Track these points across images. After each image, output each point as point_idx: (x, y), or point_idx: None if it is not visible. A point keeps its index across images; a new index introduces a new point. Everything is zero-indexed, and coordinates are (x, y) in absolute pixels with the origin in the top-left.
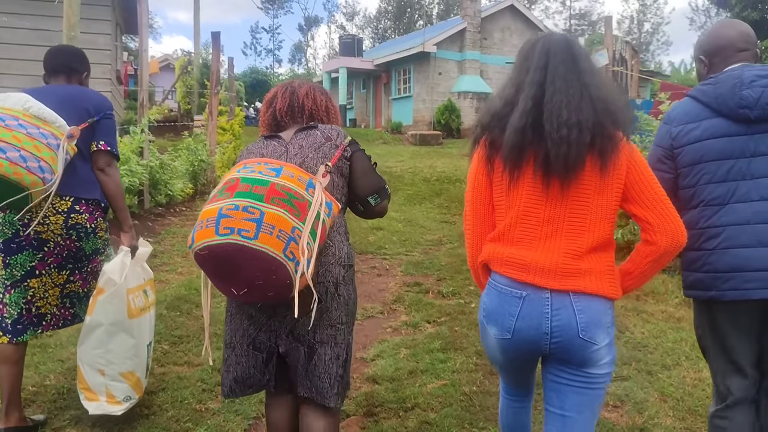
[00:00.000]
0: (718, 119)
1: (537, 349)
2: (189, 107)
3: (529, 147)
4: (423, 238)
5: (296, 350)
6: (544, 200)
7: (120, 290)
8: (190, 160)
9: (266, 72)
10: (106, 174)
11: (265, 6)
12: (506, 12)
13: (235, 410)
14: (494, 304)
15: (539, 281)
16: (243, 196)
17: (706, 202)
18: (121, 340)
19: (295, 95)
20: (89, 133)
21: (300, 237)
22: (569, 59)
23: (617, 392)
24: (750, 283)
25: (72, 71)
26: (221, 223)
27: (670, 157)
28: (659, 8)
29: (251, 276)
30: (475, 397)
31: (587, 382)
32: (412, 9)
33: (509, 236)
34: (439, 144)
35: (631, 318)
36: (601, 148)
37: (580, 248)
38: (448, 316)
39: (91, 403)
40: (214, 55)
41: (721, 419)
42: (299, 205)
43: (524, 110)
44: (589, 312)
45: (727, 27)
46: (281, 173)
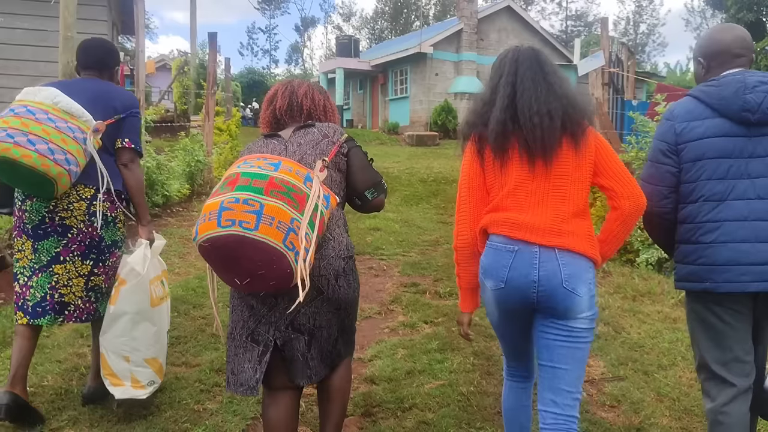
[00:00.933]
0: (719, 119)
1: (526, 297)
2: (185, 108)
3: (511, 136)
4: (420, 239)
5: (296, 340)
6: (531, 176)
7: (143, 281)
8: (187, 161)
9: (263, 72)
10: (128, 170)
11: (261, 6)
12: (503, 13)
13: (233, 410)
14: (490, 259)
15: (529, 237)
16: (243, 190)
17: (706, 197)
18: (144, 328)
19: (294, 94)
20: (115, 130)
21: (299, 228)
22: (536, 64)
23: (614, 392)
24: (745, 276)
25: (103, 66)
26: (223, 216)
27: (674, 152)
28: (655, 9)
29: (253, 266)
30: (473, 398)
31: (572, 336)
32: (409, 10)
33: (503, 205)
34: (435, 145)
35: (627, 319)
36: (572, 132)
37: (564, 213)
38: (446, 316)
39: (116, 389)
40: (211, 56)
41: (722, 414)
42: (297, 197)
43: (502, 107)
44: (572, 266)
45: (725, 32)
46: (279, 167)
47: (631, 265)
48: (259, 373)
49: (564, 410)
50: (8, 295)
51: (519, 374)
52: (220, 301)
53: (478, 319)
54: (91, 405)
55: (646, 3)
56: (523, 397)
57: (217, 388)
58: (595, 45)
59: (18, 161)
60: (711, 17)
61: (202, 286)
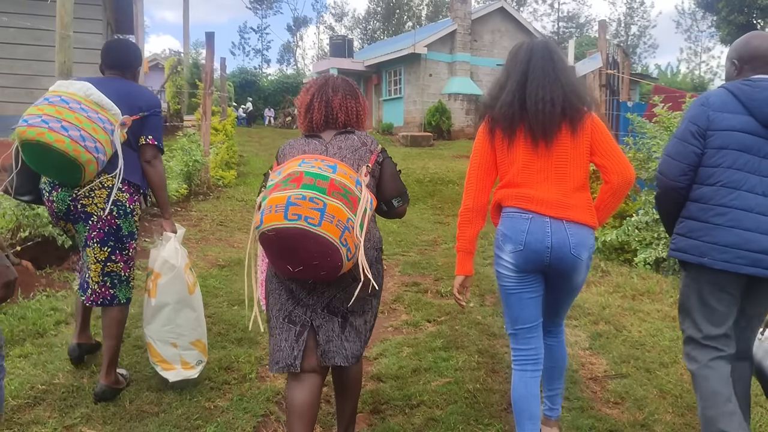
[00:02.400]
0: (747, 117)
1: (540, 260)
2: (179, 107)
3: (518, 118)
4: (418, 239)
5: (330, 322)
6: (536, 156)
7: (179, 272)
8: (185, 161)
9: (255, 72)
10: (151, 165)
11: (253, 6)
12: (496, 14)
13: (244, 408)
14: (508, 226)
15: (540, 210)
16: (308, 188)
17: (723, 183)
18: (186, 314)
19: (330, 107)
20: (139, 127)
21: (352, 227)
22: (547, 56)
23: (617, 389)
24: (741, 260)
25: (127, 66)
26: (290, 210)
27: (702, 136)
28: (646, 11)
29: (309, 257)
30: (479, 395)
31: (573, 287)
32: (401, 10)
33: (515, 182)
34: (429, 145)
35: (628, 317)
36: (570, 117)
37: (566, 189)
38: (448, 315)
39: (168, 372)
40: (208, 56)
41: (707, 368)
42: (352, 199)
43: (511, 90)
44: (578, 236)
45: (763, 38)
46: (337, 170)
47: (630, 265)
48: (297, 351)
49: (556, 324)
50: (15, 294)
51: (528, 357)
52: (225, 300)
53: (481, 318)
54: (103, 403)
55: (637, 5)
56: (533, 387)
57: (227, 386)
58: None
59: (51, 145)
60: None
61: (205, 285)
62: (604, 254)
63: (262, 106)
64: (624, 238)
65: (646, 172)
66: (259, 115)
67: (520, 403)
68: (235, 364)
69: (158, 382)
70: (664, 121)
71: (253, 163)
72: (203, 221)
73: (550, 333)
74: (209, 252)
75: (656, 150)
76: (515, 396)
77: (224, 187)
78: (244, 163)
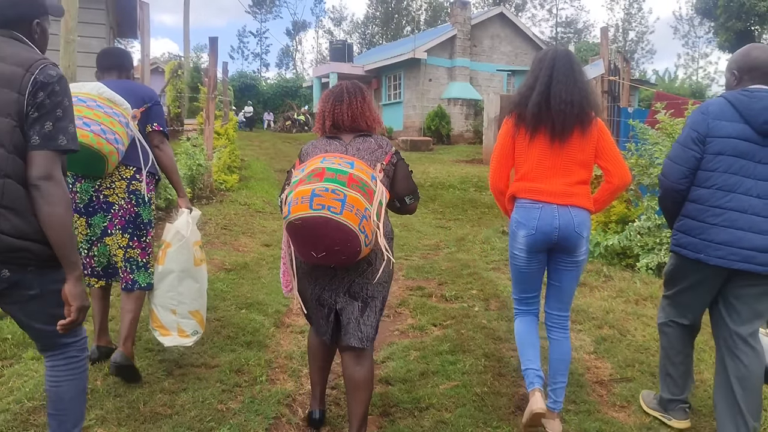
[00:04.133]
0: (744, 125)
1: (550, 239)
2: (179, 111)
3: (543, 117)
4: (420, 243)
5: (351, 305)
6: (550, 154)
7: (188, 243)
8: (189, 165)
9: (255, 76)
10: (160, 149)
11: (252, 10)
12: (496, 20)
13: (256, 410)
14: (522, 215)
15: (549, 200)
16: (330, 182)
17: (719, 186)
18: (188, 284)
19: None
20: (145, 117)
21: (369, 216)
22: (568, 64)
23: (623, 393)
24: (733, 256)
25: (122, 69)
26: (314, 201)
27: (702, 141)
28: (644, 17)
29: (332, 242)
30: (487, 398)
31: (573, 263)
32: (400, 15)
33: (529, 176)
34: (429, 150)
35: (631, 321)
36: (581, 120)
37: (571, 182)
38: (453, 319)
39: (165, 338)
40: (211, 60)
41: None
42: (368, 191)
43: (539, 92)
44: (580, 217)
45: (758, 50)
46: (354, 166)
47: (632, 270)
48: (329, 328)
49: (562, 312)
50: None
51: (527, 312)
52: (233, 304)
53: (486, 322)
54: (117, 403)
55: (635, 11)
56: (532, 325)
57: (238, 389)
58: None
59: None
60: (699, 25)
61: (212, 289)
62: (607, 259)
63: (262, 110)
64: (626, 243)
65: (648, 178)
66: (259, 119)
67: (522, 336)
68: (245, 366)
69: (170, 384)
70: (666, 128)
71: (254, 167)
72: (207, 225)
73: (558, 325)
74: (215, 256)
75: (658, 156)
76: (519, 332)
77: (227, 191)
78: (246, 167)
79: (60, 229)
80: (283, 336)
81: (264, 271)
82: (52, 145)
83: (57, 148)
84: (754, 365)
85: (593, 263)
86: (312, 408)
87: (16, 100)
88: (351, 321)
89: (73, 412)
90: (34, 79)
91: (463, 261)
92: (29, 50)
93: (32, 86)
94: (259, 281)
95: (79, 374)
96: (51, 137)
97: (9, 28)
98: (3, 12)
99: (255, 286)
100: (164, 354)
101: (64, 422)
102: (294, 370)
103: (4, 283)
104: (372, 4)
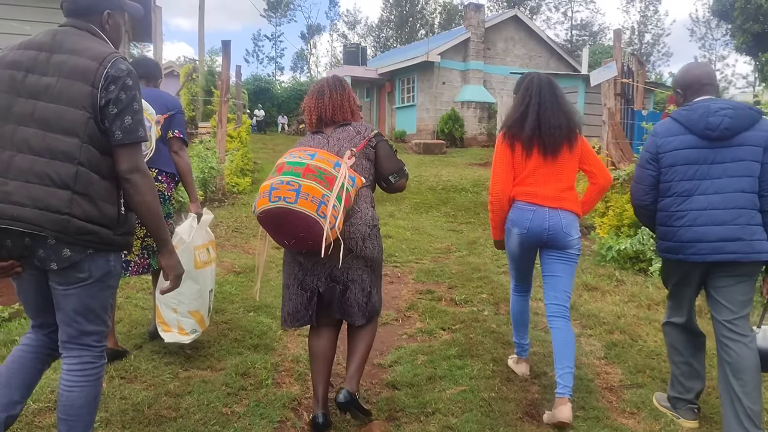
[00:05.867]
0: (690, 135)
1: (539, 238)
2: (194, 114)
3: (535, 138)
4: (431, 246)
5: (333, 289)
6: (543, 164)
7: (189, 247)
8: (201, 168)
9: (269, 80)
10: (179, 156)
11: (267, 14)
12: (510, 22)
13: (260, 414)
14: (517, 215)
15: (542, 203)
16: (287, 174)
17: (678, 193)
18: (188, 285)
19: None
20: (167, 124)
21: (328, 201)
22: (552, 90)
23: (633, 399)
24: (705, 250)
25: (150, 77)
26: (272, 194)
27: (655, 160)
28: (660, 20)
29: (296, 230)
30: (494, 403)
31: (566, 258)
32: (414, 18)
33: (525, 183)
34: (442, 153)
35: (643, 327)
36: (569, 138)
37: (561, 188)
38: (462, 323)
39: (166, 334)
40: (224, 64)
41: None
42: (327, 179)
43: (532, 119)
44: (568, 219)
45: (696, 68)
46: (315, 157)
47: (645, 275)
48: (311, 311)
49: (560, 301)
50: None
51: (523, 290)
52: (241, 306)
53: (495, 327)
54: (122, 406)
55: (651, 13)
56: (525, 304)
57: (243, 392)
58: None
59: None
60: (716, 27)
61: (221, 291)
62: (619, 263)
63: (276, 113)
64: (639, 247)
65: None
66: (273, 122)
67: (518, 315)
68: (251, 370)
69: (175, 387)
70: None
71: (267, 170)
72: (218, 228)
73: (558, 314)
74: (225, 258)
75: None
76: (514, 310)
77: (239, 194)
78: (259, 170)
79: (152, 214)
80: (290, 339)
81: (273, 274)
82: (134, 138)
83: (137, 140)
84: (744, 352)
85: (605, 267)
86: (315, 412)
87: (89, 93)
88: (334, 301)
89: (82, 419)
90: (107, 73)
91: (474, 264)
92: (103, 44)
93: (104, 80)
94: (267, 284)
95: (92, 381)
96: (132, 131)
97: (82, 17)
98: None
99: (264, 289)
100: (170, 357)
101: (73, 428)
102: (300, 374)
103: (65, 262)
104: (386, 7)
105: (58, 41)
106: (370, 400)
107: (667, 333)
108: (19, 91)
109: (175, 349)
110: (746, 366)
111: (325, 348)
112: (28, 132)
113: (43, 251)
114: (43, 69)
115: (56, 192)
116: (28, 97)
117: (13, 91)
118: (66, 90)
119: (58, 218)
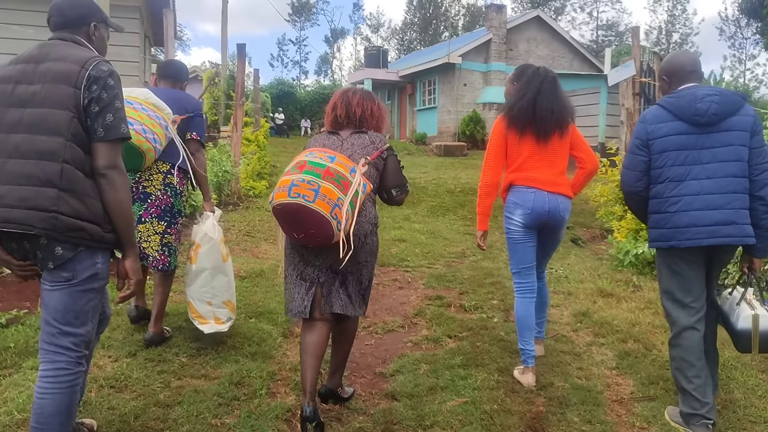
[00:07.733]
0: (678, 122)
1: (540, 219)
2: (216, 118)
3: (529, 123)
4: (446, 251)
5: (332, 279)
6: (537, 150)
7: (216, 243)
8: (215, 171)
9: (292, 83)
10: (195, 157)
11: (292, 18)
12: (532, 23)
13: (251, 425)
14: (519, 197)
15: (541, 187)
16: (308, 174)
17: (670, 179)
18: (219, 279)
19: (350, 105)
20: (185, 125)
21: (342, 205)
22: (552, 80)
23: (644, 413)
24: (700, 235)
25: (177, 79)
26: (292, 190)
27: (645, 146)
28: (688, 19)
29: (308, 226)
30: (496, 416)
31: (557, 238)
32: (438, 20)
33: (522, 168)
34: (463, 155)
35: (658, 335)
36: (560, 125)
37: (555, 173)
38: (470, 331)
39: (204, 326)
40: (239, 67)
41: (674, 347)
42: (344, 183)
43: (528, 102)
44: (564, 203)
45: (681, 56)
46: (334, 160)
47: None
48: (306, 302)
49: (541, 267)
50: (33, 305)
51: (528, 289)
52: (243, 312)
53: (504, 334)
54: (109, 416)
55: (679, 12)
56: (530, 308)
57: (236, 402)
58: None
59: None
60: (746, 26)
61: None
62: (637, 268)
63: (299, 117)
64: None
65: None
66: (297, 126)
67: (523, 319)
68: (246, 379)
69: (165, 397)
70: None
71: None
72: (230, 231)
73: (539, 277)
74: (233, 263)
75: None
76: (519, 315)
77: (255, 198)
78: (277, 174)
79: (123, 213)
80: (290, 347)
81: (279, 279)
82: (115, 135)
83: (119, 137)
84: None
85: (622, 272)
86: (303, 404)
87: (73, 93)
88: (332, 292)
89: (53, 429)
90: (88, 75)
91: (487, 269)
92: (87, 51)
93: (87, 80)
94: (273, 289)
95: (64, 389)
96: (113, 127)
97: (70, 29)
98: (64, 12)
99: (268, 294)
100: (164, 365)
101: None
102: (296, 383)
103: (59, 260)
104: (410, 10)
105: (44, 52)
106: (368, 412)
107: (678, 345)
108: (10, 101)
109: (169, 356)
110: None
111: (317, 343)
112: (17, 138)
113: (41, 252)
114: (30, 78)
115: (44, 191)
116: (18, 106)
117: (3, 104)
118: (51, 93)
119: (46, 216)
